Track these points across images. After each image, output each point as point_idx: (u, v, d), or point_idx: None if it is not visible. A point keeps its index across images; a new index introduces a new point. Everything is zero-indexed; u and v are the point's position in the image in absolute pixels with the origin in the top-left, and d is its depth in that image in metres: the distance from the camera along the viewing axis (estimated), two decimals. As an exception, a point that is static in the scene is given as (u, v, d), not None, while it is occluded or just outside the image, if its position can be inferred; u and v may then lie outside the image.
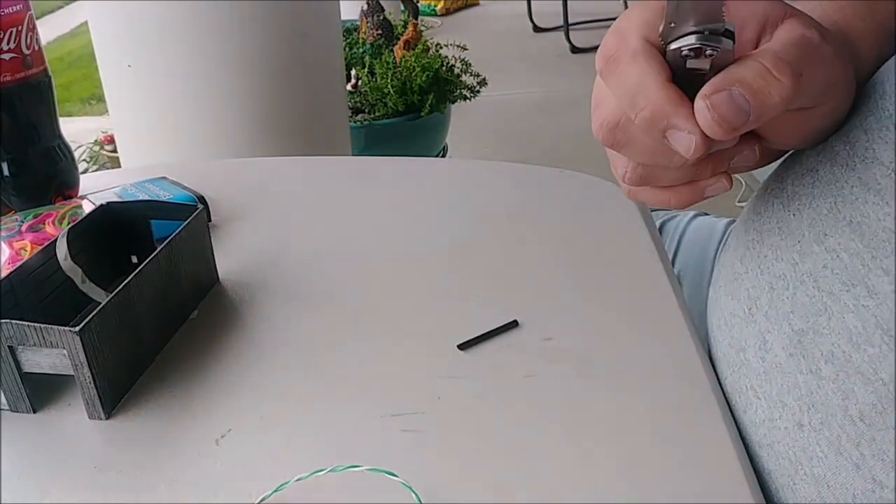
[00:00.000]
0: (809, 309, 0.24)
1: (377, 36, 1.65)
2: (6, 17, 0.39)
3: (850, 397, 0.21)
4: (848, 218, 0.23)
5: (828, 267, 0.23)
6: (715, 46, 0.20)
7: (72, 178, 0.45)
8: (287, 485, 0.23)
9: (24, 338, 0.25)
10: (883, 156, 0.22)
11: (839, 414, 0.22)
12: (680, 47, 0.20)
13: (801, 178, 0.26)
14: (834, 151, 0.25)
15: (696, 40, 0.20)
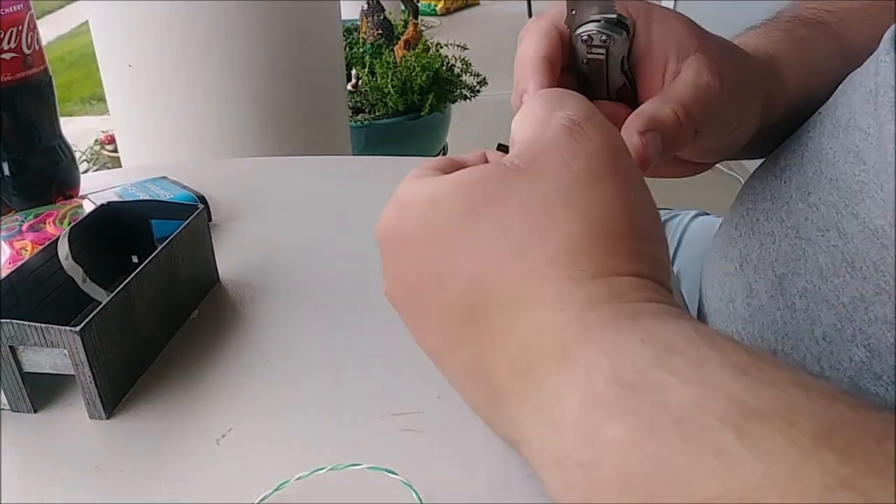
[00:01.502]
0: (790, 255, 0.27)
1: (377, 36, 1.65)
2: (7, 17, 0.39)
3: (815, 322, 0.25)
4: (829, 177, 0.26)
5: (808, 219, 0.26)
6: (607, 34, 0.24)
7: (72, 178, 0.45)
8: (287, 484, 0.23)
9: (24, 337, 0.25)
10: (862, 123, 0.25)
11: (806, 337, 0.25)
12: (580, 33, 0.25)
13: (793, 153, 0.29)
14: (822, 126, 0.28)
15: (594, 27, 0.24)
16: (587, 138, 0.19)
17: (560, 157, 0.18)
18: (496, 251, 0.18)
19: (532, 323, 0.17)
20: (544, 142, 0.19)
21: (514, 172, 0.18)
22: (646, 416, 0.14)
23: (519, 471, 0.24)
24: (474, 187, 0.19)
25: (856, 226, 0.24)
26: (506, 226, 0.18)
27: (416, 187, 0.20)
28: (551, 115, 0.20)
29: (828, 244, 0.25)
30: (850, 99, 0.26)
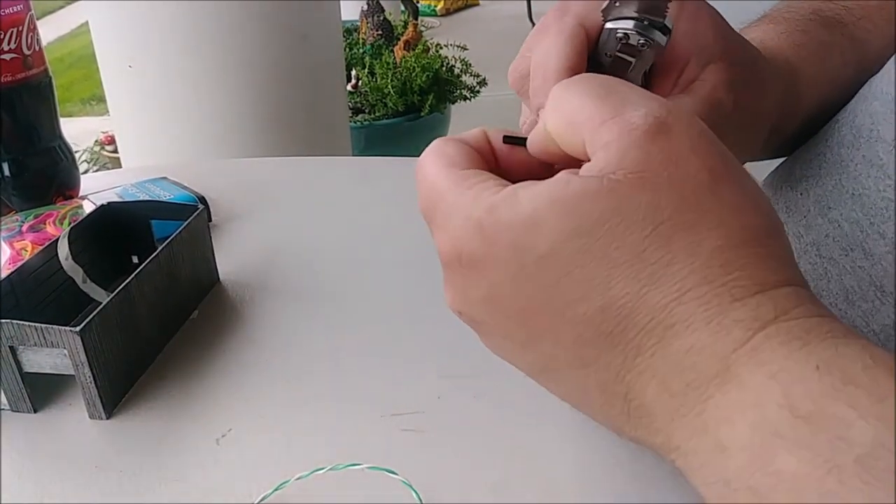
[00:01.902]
0: (811, 275, 0.25)
1: (377, 36, 1.65)
2: (7, 18, 0.39)
3: None
4: (851, 191, 0.25)
5: (829, 236, 0.25)
6: (648, 38, 0.21)
7: (72, 179, 0.45)
8: (287, 484, 0.23)
9: (24, 338, 0.25)
10: (886, 135, 0.24)
11: None
12: (616, 28, 0.21)
13: (809, 163, 0.28)
14: (841, 135, 0.26)
15: (633, 26, 0.21)
16: (686, 135, 0.17)
17: (672, 162, 0.16)
18: (632, 275, 0.16)
19: (688, 345, 0.16)
20: (641, 146, 0.16)
21: (626, 185, 0.16)
22: (824, 451, 0.13)
23: (519, 471, 0.24)
24: (580, 207, 0.16)
25: (883, 246, 0.23)
26: (636, 246, 0.16)
27: (496, 206, 0.17)
28: (625, 117, 0.17)
29: (853, 265, 0.24)
30: (871, 107, 0.25)
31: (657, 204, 0.16)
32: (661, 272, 0.16)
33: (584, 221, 0.16)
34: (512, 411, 0.26)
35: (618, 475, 0.23)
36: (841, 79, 0.28)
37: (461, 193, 0.18)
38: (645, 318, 0.16)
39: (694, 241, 0.16)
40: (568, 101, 0.18)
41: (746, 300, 0.16)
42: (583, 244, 0.16)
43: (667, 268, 0.16)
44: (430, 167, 0.19)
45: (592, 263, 0.16)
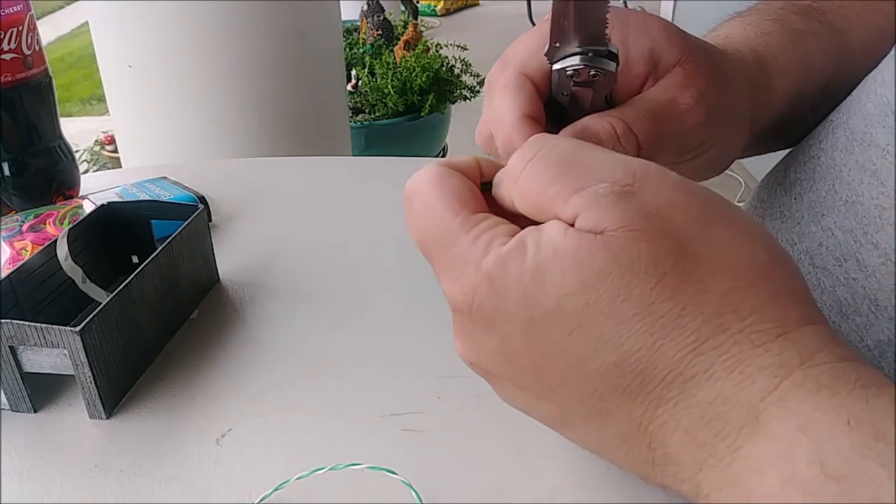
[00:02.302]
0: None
1: (377, 36, 1.65)
2: (7, 18, 0.39)
3: None
4: (844, 198, 0.24)
5: (823, 245, 0.24)
6: (598, 69, 0.20)
7: (72, 179, 0.45)
8: (287, 484, 0.23)
9: (24, 338, 0.25)
10: (880, 139, 0.23)
11: None
12: (564, 67, 0.21)
13: (804, 166, 0.27)
14: (834, 138, 0.26)
15: (579, 61, 0.20)
16: (657, 194, 0.16)
17: (654, 216, 0.16)
18: (643, 329, 0.16)
19: (712, 395, 0.15)
20: (615, 207, 0.16)
21: (619, 239, 0.16)
22: None
23: (519, 471, 0.24)
24: (580, 260, 0.16)
25: (877, 257, 0.22)
26: (644, 299, 0.16)
27: (506, 259, 0.17)
28: (589, 190, 0.17)
29: (847, 276, 0.23)
30: (865, 109, 0.24)
31: (657, 254, 0.16)
32: (672, 324, 0.16)
33: (587, 275, 0.16)
34: (512, 411, 0.26)
35: (618, 476, 0.23)
36: (820, 66, 0.27)
37: (472, 243, 0.18)
38: (663, 371, 0.16)
39: (700, 289, 0.16)
40: (528, 187, 0.18)
41: (768, 345, 0.15)
42: (588, 298, 0.16)
43: (678, 319, 0.16)
44: (437, 203, 0.19)
45: (601, 318, 0.16)
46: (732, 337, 0.15)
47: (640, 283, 0.16)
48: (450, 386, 0.28)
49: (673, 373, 0.16)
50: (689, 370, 0.16)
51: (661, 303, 0.16)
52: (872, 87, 0.25)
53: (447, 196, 0.19)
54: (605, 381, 0.17)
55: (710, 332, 0.16)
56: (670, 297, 0.16)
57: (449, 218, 0.18)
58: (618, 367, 0.16)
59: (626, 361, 0.16)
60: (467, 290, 0.18)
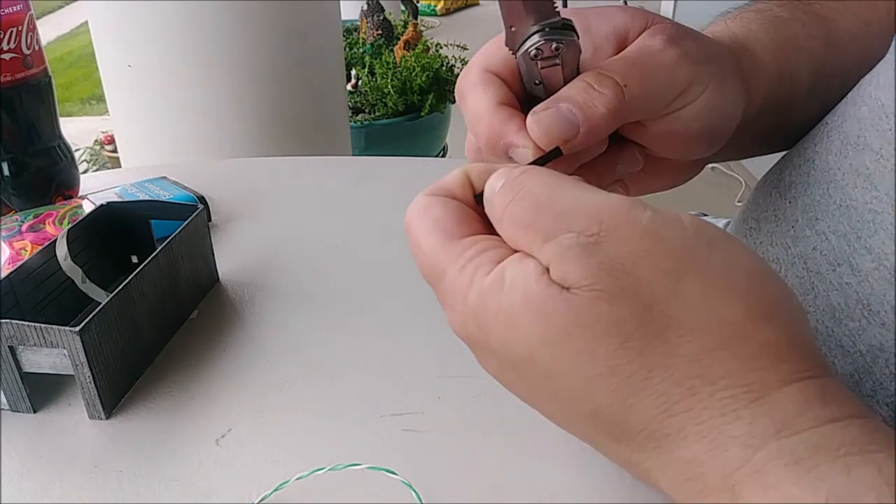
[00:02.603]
0: (798, 289, 0.24)
1: (377, 36, 1.65)
2: (6, 17, 0.39)
3: None
4: (838, 202, 0.24)
5: (817, 249, 0.24)
6: (558, 40, 0.21)
7: (72, 178, 0.45)
8: (286, 484, 0.23)
9: (24, 338, 0.25)
10: (873, 143, 0.23)
11: None
12: (527, 49, 0.21)
13: (798, 169, 0.27)
14: (829, 141, 0.26)
15: (539, 38, 0.21)
16: (625, 244, 0.16)
17: (619, 272, 0.15)
18: (611, 388, 0.15)
19: (689, 456, 0.15)
20: (580, 262, 0.16)
21: (581, 299, 0.15)
22: None
23: (519, 471, 0.24)
24: (545, 314, 0.16)
25: (870, 262, 0.22)
26: (608, 360, 0.15)
27: (485, 293, 0.17)
28: (558, 240, 0.16)
29: (840, 281, 0.22)
30: (860, 112, 0.24)
31: (618, 316, 0.15)
32: (640, 385, 0.15)
33: (551, 332, 0.16)
34: (512, 412, 0.26)
35: (618, 476, 0.23)
36: (808, 48, 0.27)
37: (458, 274, 0.18)
38: (638, 426, 0.16)
39: (666, 352, 0.15)
40: (509, 232, 0.18)
41: (740, 412, 0.15)
42: (554, 354, 0.16)
43: (645, 381, 0.15)
44: (423, 239, 0.19)
45: (569, 373, 0.16)
46: (703, 402, 0.15)
47: (603, 344, 0.15)
48: (450, 386, 0.28)
49: (647, 429, 0.16)
50: (663, 429, 0.15)
51: (627, 364, 0.15)
52: (867, 91, 0.25)
53: (432, 229, 0.19)
54: (589, 423, 0.17)
55: (679, 396, 0.15)
56: (635, 358, 0.15)
57: (437, 251, 0.18)
58: (595, 416, 0.16)
59: (601, 413, 0.16)
60: (461, 322, 0.18)
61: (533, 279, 0.16)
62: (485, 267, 0.17)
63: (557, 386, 0.16)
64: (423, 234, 0.19)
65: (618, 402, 0.16)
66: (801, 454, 0.14)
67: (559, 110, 0.20)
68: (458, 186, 0.20)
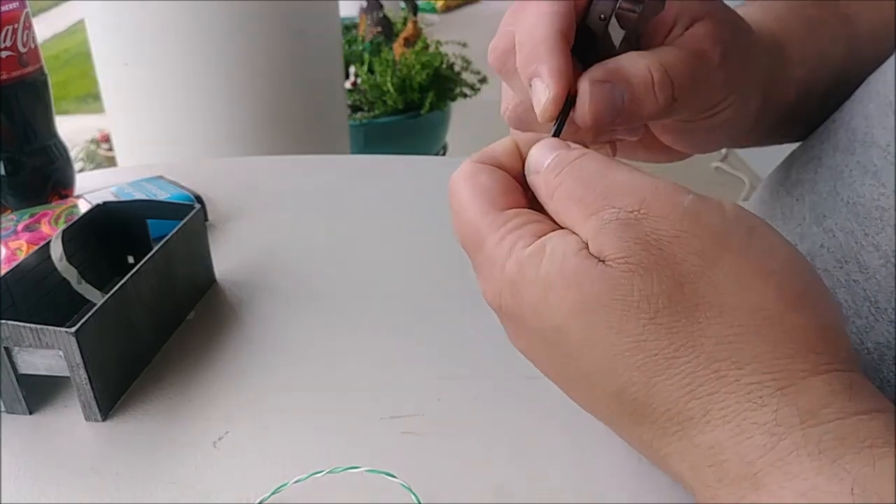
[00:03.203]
0: None
1: (376, 33, 1.65)
2: (2, 15, 0.39)
3: None
4: (846, 199, 0.24)
5: (824, 246, 0.24)
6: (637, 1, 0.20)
7: (68, 178, 0.45)
8: (285, 487, 0.22)
9: (19, 339, 0.25)
10: (881, 139, 0.23)
11: None
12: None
13: (805, 166, 0.27)
14: (836, 138, 0.26)
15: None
16: (664, 222, 0.16)
17: (653, 247, 0.15)
18: (636, 364, 0.15)
19: (711, 441, 0.15)
20: (617, 236, 0.16)
21: (615, 270, 0.16)
22: None
23: (520, 473, 0.24)
24: (581, 282, 0.16)
25: (877, 259, 0.22)
26: (636, 334, 0.15)
27: (524, 264, 0.17)
28: (599, 215, 0.16)
29: (847, 278, 0.22)
30: (867, 109, 0.24)
31: (650, 290, 0.15)
32: (666, 363, 0.15)
33: (583, 302, 0.16)
34: (513, 413, 0.26)
35: (618, 478, 0.23)
36: (831, 55, 0.27)
37: (498, 244, 0.18)
38: (661, 407, 0.16)
39: (696, 331, 0.15)
40: (558, 209, 0.18)
41: (766, 399, 0.14)
42: (585, 325, 0.16)
43: (672, 360, 0.15)
44: (468, 204, 0.19)
45: (599, 346, 0.16)
46: (728, 386, 0.15)
47: (633, 318, 0.15)
48: (450, 388, 0.28)
49: (671, 411, 0.16)
50: (686, 411, 0.15)
51: (654, 340, 0.15)
52: (875, 88, 0.25)
53: (477, 196, 0.19)
54: (612, 403, 0.17)
55: (704, 378, 0.15)
56: (662, 335, 0.15)
57: (478, 218, 0.18)
58: (619, 396, 0.16)
59: (624, 393, 0.16)
60: (495, 291, 0.18)
61: (571, 252, 0.16)
62: (525, 239, 0.17)
63: (585, 361, 0.16)
64: (467, 202, 0.19)
65: (642, 381, 0.16)
66: (826, 444, 0.14)
67: (613, 92, 0.20)
68: (505, 155, 0.20)
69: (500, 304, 0.18)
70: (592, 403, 0.18)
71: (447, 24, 2.79)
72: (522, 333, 0.18)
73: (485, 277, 0.19)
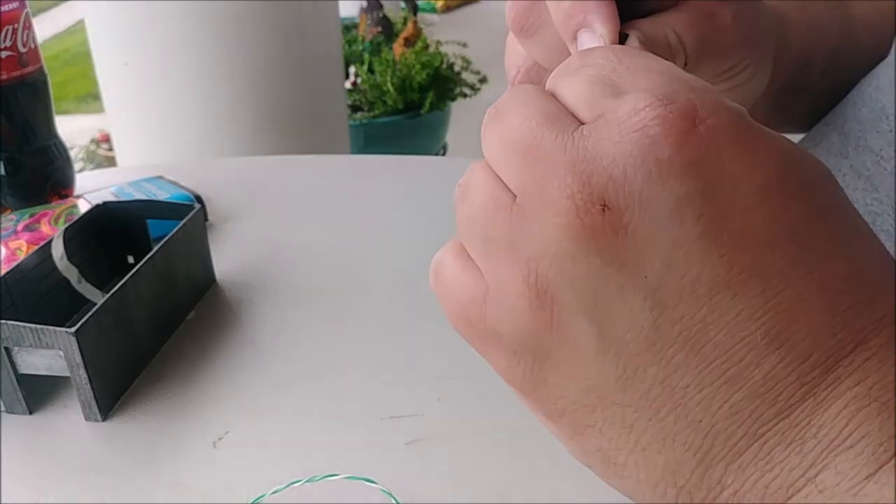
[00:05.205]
0: None
1: (376, 33, 1.65)
2: (2, 15, 0.39)
3: None
4: None
5: None
6: None
7: (68, 178, 0.45)
8: (263, 497, 0.22)
9: (19, 338, 0.25)
10: (873, 144, 0.23)
11: None
12: None
13: None
14: (830, 142, 0.26)
15: None
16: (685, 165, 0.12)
17: (662, 204, 0.12)
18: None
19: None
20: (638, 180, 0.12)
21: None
22: None
23: (518, 474, 0.24)
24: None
25: None
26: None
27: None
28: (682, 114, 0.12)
29: None
30: (860, 112, 0.24)
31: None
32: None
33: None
34: (513, 414, 0.26)
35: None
36: (828, 29, 0.26)
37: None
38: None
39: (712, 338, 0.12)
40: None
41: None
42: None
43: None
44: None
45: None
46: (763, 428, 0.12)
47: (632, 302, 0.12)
48: (450, 388, 0.28)
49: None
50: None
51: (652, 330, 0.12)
52: (867, 92, 0.24)
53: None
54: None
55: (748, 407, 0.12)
56: (678, 335, 0.12)
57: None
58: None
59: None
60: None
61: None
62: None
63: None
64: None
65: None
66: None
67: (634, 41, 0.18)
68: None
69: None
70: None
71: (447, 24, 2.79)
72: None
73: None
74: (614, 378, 0.13)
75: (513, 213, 0.13)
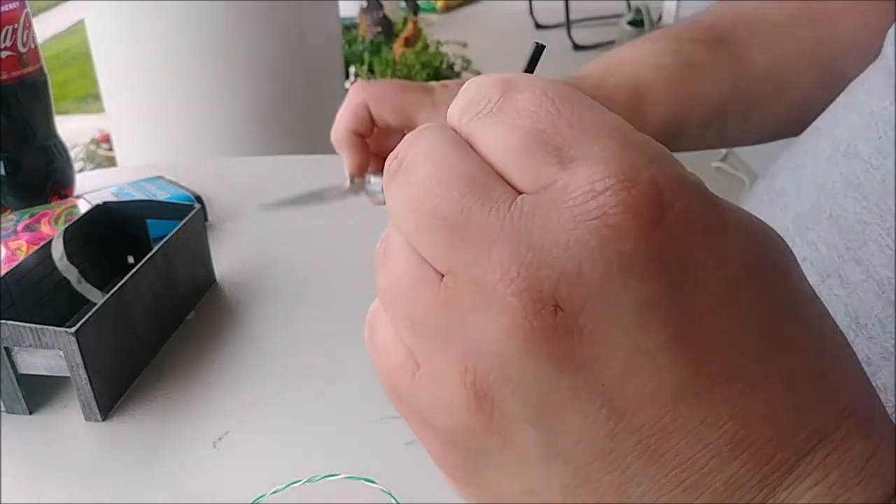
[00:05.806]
0: None
1: (376, 33, 1.65)
2: (2, 15, 0.39)
3: None
4: (829, 212, 0.23)
5: (807, 259, 0.24)
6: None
7: (68, 178, 0.45)
8: (263, 497, 0.22)
9: (19, 338, 0.25)
10: (863, 151, 0.23)
11: None
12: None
13: (791, 174, 0.27)
14: (821, 147, 0.26)
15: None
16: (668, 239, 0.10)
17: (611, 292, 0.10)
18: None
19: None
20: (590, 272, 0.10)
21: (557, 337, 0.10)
22: None
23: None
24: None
25: (859, 274, 0.21)
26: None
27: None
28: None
29: (829, 293, 0.22)
30: (850, 119, 0.24)
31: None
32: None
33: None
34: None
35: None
36: (711, 94, 0.30)
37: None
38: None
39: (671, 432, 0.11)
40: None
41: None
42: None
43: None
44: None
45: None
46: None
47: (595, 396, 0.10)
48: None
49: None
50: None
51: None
52: (857, 97, 0.24)
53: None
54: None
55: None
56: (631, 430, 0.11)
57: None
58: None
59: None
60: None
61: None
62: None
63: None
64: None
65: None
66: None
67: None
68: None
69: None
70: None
71: (447, 24, 2.79)
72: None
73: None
74: (561, 485, 0.12)
75: (440, 293, 0.11)
